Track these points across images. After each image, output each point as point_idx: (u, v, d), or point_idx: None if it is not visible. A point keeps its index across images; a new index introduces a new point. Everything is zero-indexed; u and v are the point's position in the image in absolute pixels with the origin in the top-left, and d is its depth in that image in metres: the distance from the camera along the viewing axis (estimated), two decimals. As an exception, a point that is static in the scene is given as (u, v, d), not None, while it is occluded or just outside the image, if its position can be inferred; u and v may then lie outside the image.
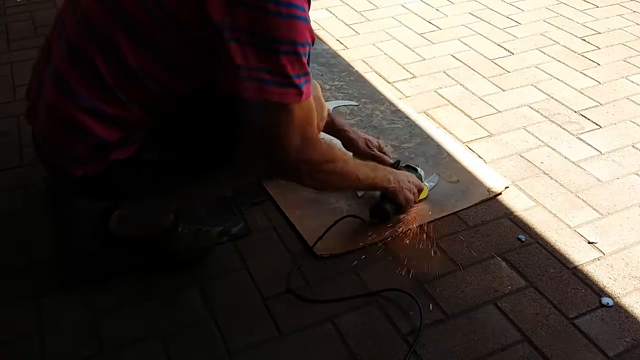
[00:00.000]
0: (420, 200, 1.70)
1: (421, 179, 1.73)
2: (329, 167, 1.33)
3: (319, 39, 2.68)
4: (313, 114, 1.23)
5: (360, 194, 1.77)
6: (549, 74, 2.42)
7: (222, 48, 1.12)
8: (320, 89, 1.55)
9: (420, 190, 1.67)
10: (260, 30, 1.10)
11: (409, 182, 1.62)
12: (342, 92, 2.29)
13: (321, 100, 1.55)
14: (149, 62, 1.17)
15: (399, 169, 1.72)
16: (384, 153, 1.79)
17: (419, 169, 1.76)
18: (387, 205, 1.61)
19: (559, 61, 2.52)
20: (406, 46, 2.64)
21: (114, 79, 1.18)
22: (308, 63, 1.21)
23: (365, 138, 1.78)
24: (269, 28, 1.10)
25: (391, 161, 1.77)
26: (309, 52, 1.20)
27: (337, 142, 1.77)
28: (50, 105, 1.25)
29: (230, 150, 1.24)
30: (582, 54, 2.58)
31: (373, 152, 1.77)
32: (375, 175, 1.51)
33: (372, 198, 1.70)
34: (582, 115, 2.18)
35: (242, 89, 1.13)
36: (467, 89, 2.33)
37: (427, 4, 3.04)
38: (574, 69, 2.47)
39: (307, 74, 1.17)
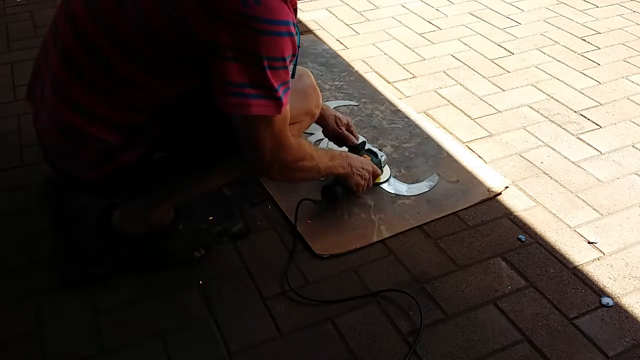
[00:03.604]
0: (376, 184, 1.78)
1: (380, 164, 1.79)
2: (297, 165, 1.40)
3: (319, 39, 2.68)
4: (288, 118, 1.28)
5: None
6: (549, 74, 2.42)
7: (207, 64, 1.15)
8: (312, 76, 1.60)
9: (375, 175, 1.74)
10: (245, 47, 1.13)
11: (362, 168, 1.67)
12: (342, 92, 2.29)
13: (316, 88, 1.60)
14: (138, 71, 1.19)
15: (361, 152, 1.78)
16: (351, 132, 1.84)
17: (379, 154, 1.81)
18: (338, 187, 1.68)
19: (559, 61, 2.52)
20: (406, 46, 2.64)
21: (108, 84, 1.21)
22: (294, 70, 1.28)
23: (335, 115, 1.82)
24: (253, 45, 1.13)
25: (356, 142, 1.82)
26: (294, 61, 1.26)
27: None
28: (52, 112, 1.26)
29: (232, 142, 1.28)
30: (582, 54, 2.58)
31: (340, 131, 1.81)
32: (333, 165, 1.58)
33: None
34: (582, 115, 2.18)
35: (226, 103, 1.18)
36: (467, 89, 2.33)
37: (427, 4, 3.04)
38: (574, 69, 2.47)
39: (287, 82, 1.21)
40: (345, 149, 1.80)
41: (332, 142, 1.85)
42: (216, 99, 1.18)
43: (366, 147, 1.82)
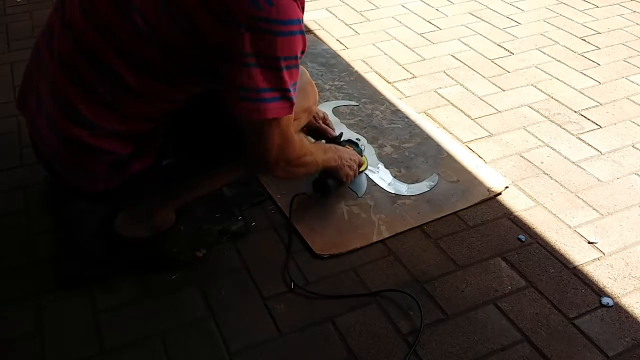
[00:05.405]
0: (360, 172, 1.81)
1: (361, 153, 1.83)
2: (300, 161, 1.40)
3: (319, 39, 2.68)
4: (293, 116, 1.28)
5: (360, 194, 1.77)
6: (549, 74, 2.42)
7: (220, 70, 1.14)
8: (307, 73, 1.61)
9: (360, 164, 1.78)
10: (262, 51, 1.12)
11: (350, 159, 1.71)
12: (342, 92, 2.29)
13: (313, 84, 1.61)
14: (144, 78, 1.18)
15: (343, 143, 1.80)
16: (328, 125, 1.85)
17: (359, 143, 1.85)
18: (330, 180, 1.71)
19: (559, 61, 2.52)
20: (406, 46, 2.64)
21: (114, 97, 1.19)
22: None
23: None
24: (270, 47, 1.12)
25: (334, 134, 1.84)
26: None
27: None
28: (54, 125, 1.24)
29: (235, 141, 1.27)
30: (582, 54, 2.58)
31: (318, 124, 1.82)
32: (327, 158, 1.60)
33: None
34: (582, 115, 2.18)
35: (240, 108, 1.17)
36: (467, 89, 2.33)
37: (427, 4, 3.04)
38: (574, 69, 2.47)
39: (296, 82, 1.22)
40: (322, 141, 1.81)
41: (309, 137, 1.84)
42: (230, 105, 1.17)
43: (346, 138, 1.84)
